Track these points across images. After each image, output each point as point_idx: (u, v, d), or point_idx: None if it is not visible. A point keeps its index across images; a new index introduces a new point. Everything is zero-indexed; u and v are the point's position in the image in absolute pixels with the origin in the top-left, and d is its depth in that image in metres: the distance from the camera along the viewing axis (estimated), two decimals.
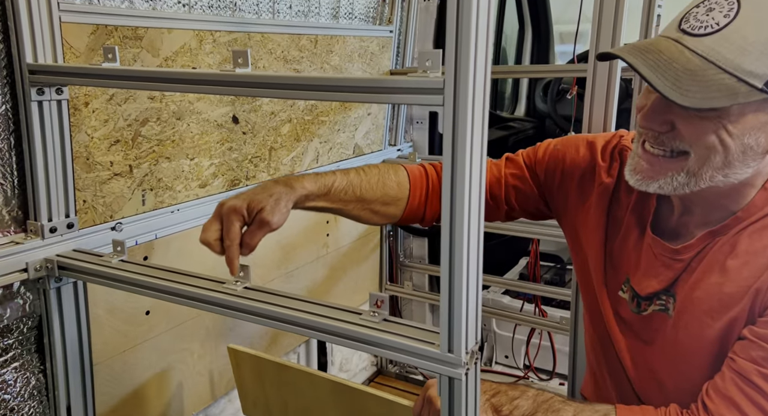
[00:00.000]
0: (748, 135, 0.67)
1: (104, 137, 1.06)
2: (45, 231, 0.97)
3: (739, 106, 0.65)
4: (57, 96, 0.94)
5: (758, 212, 0.73)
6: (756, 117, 0.66)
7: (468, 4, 0.58)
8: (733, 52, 0.64)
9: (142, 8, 1.09)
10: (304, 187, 0.86)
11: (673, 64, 0.66)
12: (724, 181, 0.71)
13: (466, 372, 0.66)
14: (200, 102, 1.23)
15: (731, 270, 0.73)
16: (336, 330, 0.74)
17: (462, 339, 0.65)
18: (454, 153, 0.62)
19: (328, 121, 1.66)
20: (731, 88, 0.64)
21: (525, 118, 2.78)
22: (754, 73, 0.63)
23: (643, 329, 0.84)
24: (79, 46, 0.99)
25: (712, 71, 0.64)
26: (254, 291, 0.83)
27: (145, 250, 1.17)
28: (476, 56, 0.60)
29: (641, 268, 0.83)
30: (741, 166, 0.70)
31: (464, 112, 0.61)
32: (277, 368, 0.99)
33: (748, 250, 0.72)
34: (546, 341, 1.99)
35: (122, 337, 1.14)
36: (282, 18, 1.44)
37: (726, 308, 0.73)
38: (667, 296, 0.80)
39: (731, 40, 0.64)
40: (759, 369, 0.69)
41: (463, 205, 0.63)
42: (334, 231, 1.75)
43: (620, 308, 0.86)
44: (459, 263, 0.64)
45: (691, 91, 0.64)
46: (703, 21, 0.66)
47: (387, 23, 1.87)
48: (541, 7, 2.73)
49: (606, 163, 0.89)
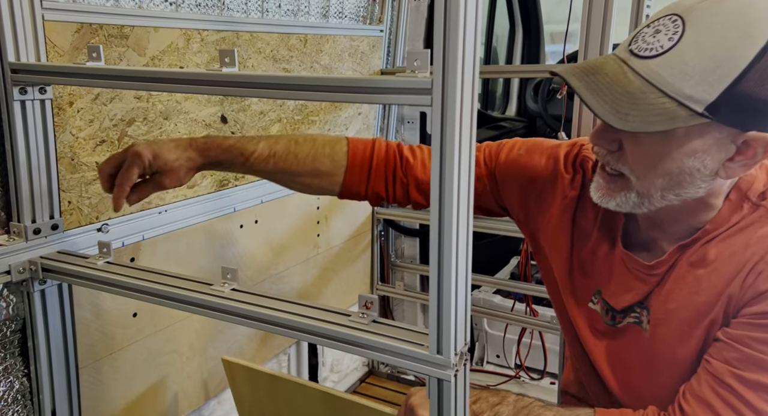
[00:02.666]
0: (693, 158, 0.67)
1: (89, 137, 1.05)
2: (28, 233, 0.96)
3: (684, 130, 0.65)
4: (40, 95, 0.93)
5: (726, 223, 0.73)
6: (701, 140, 0.66)
7: (456, 4, 0.58)
8: (674, 76, 0.63)
9: (128, 6, 1.08)
10: (217, 156, 0.88)
11: (614, 87, 0.66)
12: (678, 200, 0.71)
13: (455, 373, 0.65)
14: (188, 101, 1.22)
15: (702, 280, 0.73)
16: (325, 333, 0.73)
17: (451, 341, 0.65)
18: (442, 153, 0.62)
19: (319, 120, 1.65)
20: (671, 112, 0.63)
21: (516, 118, 2.78)
22: (694, 97, 0.63)
23: (618, 341, 0.83)
24: (63, 44, 0.97)
25: (653, 95, 0.64)
26: (242, 294, 0.82)
27: (132, 252, 1.15)
28: (464, 56, 0.60)
29: (614, 282, 0.82)
30: (689, 187, 0.70)
31: (452, 112, 0.61)
32: (270, 379, 0.99)
33: (717, 259, 0.72)
34: (537, 340, 2.00)
35: (109, 340, 1.12)
36: (271, 17, 1.43)
37: (702, 316, 0.73)
38: (641, 308, 0.80)
39: (673, 64, 0.64)
40: (732, 370, 0.69)
41: (451, 205, 0.63)
42: (324, 231, 1.75)
43: (593, 320, 0.86)
44: (448, 264, 0.64)
45: (630, 115, 0.64)
46: (649, 43, 0.66)
47: (377, 23, 1.86)
48: (532, 7, 2.74)
49: (569, 174, 0.88)
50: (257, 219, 1.46)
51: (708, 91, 0.63)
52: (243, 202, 1.41)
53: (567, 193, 0.87)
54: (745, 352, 0.69)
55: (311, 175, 0.92)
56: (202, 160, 0.88)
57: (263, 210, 1.48)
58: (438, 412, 0.67)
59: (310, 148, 0.91)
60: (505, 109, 2.91)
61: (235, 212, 1.39)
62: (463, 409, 0.68)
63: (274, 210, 1.52)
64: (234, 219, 1.39)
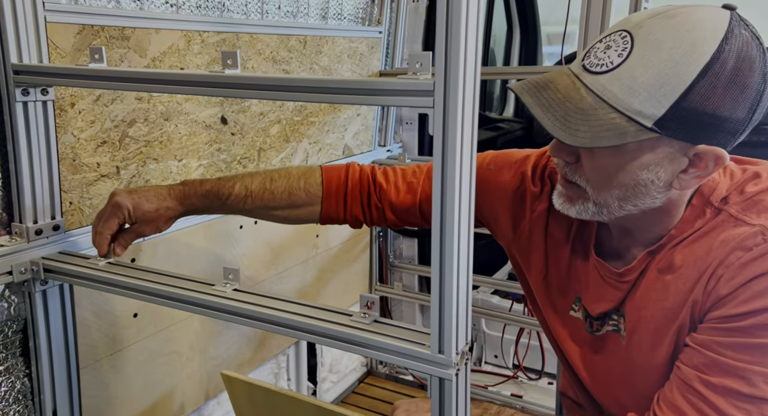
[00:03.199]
0: (646, 170, 0.68)
1: (91, 138, 1.05)
2: (30, 234, 0.96)
3: (636, 144, 0.66)
4: (42, 97, 0.93)
5: (689, 228, 0.74)
6: (653, 154, 0.67)
7: (458, 6, 0.58)
8: (623, 92, 0.65)
9: (129, 8, 1.08)
10: (194, 204, 0.92)
11: (566, 103, 0.67)
12: (636, 210, 0.72)
13: (456, 372, 0.66)
14: (188, 103, 1.23)
15: (669, 285, 0.74)
16: (326, 332, 0.74)
17: (452, 340, 0.65)
18: (444, 155, 0.62)
19: (318, 121, 1.66)
20: (620, 127, 0.65)
21: (513, 119, 2.79)
22: (643, 113, 0.64)
23: (598, 349, 0.84)
24: (65, 46, 0.98)
25: (603, 110, 0.65)
26: (243, 294, 0.83)
27: (132, 252, 1.16)
28: (466, 58, 0.60)
29: (590, 289, 0.83)
30: (645, 198, 0.71)
31: (454, 113, 0.61)
32: (266, 393, 1.01)
33: (682, 264, 0.73)
34: (535, 341, 2.01)
35: (109, 340, 1.13)
36: (271, 18, 1.43)
37: (671, 322, 0.74)
38: (617, 315, 0.81)
39: (622, 80, 0.65)
40: (699, 376, 0.69)
41: (453, 206, 0.63)
42: (323, 232, 1.75)
43: (575, 329, 0.86)
44: (449, 265, 0.64)
45: (580, 131, 0.65)
46: (600, 58, 0.67)
47: (376, 24, 1.87)
48: (529, 9, 2.75)
49: (537, 188, 0.89)
50: (257, 220, 1.47)
51: (656, 107, 0.64)
52: None
53: (535, 208, 0.88)
54: (711, 357, 0.69)
55: (289, 208, 0.95)
56: (180, 208, 0.92)
57: None
58: (439, 411, 0.68)
59: (285, 183, 0.94)
60: (502, 110, 2.92)
61: None
62: (464, 408, 0.68)
63: None
64: (234, 220, 1.39)
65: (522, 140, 2.70)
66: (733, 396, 0.67)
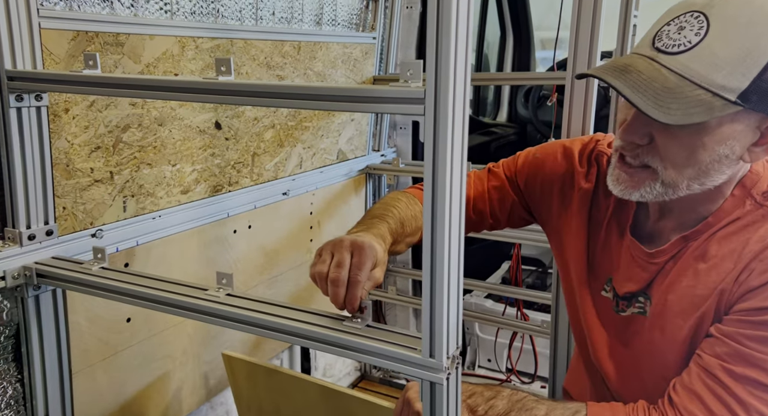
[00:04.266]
0: (723, 145, 0.70)
1: (84, 143, 1.06)
2: (23, 239, 0.96)
3: (717, 119, 0.68)
4: (36, 102, 0.94)
5: (726, 217, 0.76)
6: (731, 127, 0.69)
7: (447, 16, 0.59)
8: (706, 69, 0.67)
9: (124, 14, 1.09)
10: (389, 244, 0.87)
11: (652, 83, 0.68)
12: (701, 188, 0.74)
13: (447, 376, 0.66)
14: (182, 108, 1.23)
15: (701, 274, 0.76)
16: (319, 337, 0.75)
17: (443, 345, 0.66)
18: (434, 161, 0.63)
19: (312, 126, 1.67)
20: (708, 103, 0.66)
21: (507, 124, 2.81)
22: (727, 87, 0.66)
23: (623, 331, 0.86)
24: (59, 52, 0.98)
25: (688, 88, 0.67)
26: (237, 298, 0.83)
27: (126, 257, 1.16)
28: (456, 67, 0.61)
29: (621, 269, 0.86)
30: (716, 174, 0.73)
31: (445, 121, 0.62)
32: (268, 373, 1.01)
33: (717, 254, 0.75)
34: (528, 344, 2.02)
35: (103, 345, 1.13)
36: (265, 24, 1.44)
37: (696, 309, 0.76)
38: (644, 298, 0.83)
39: (703, 57, 0.67)
40: (722, 364, 0.72)
41: (444, 212, 0.64)
42: (317, 236, 1.76)
43: (604, 308, 0.89)
44: (440, 270, 0.65)
45: (672, 109, 0.67)
46: (675, 39, 0.69)
47: (370, 30, 1.88)
48: (522, 15, 2.77)
49: (584, 168, 0.92)
50: (251, 225, 1.47)
51: (739, 80, 0.66)
52: (236, 207, 1.42)
53: (582, 186, 0.91)
54: (735, 348, 0.71)
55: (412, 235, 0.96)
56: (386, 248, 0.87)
57: (257, 215, 1.49)
58: (431, 415, 0.68)
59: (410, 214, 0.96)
60: (496, 114, 2.94)
61: (229, 217, 1.40)
62: (455, 411, 0.69)
63: (268, 216, 1.53)
64: (228, 224, 1.40)
65: (515, 144, 2.72)
66: (752, 385, 0.69)
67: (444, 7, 0.59)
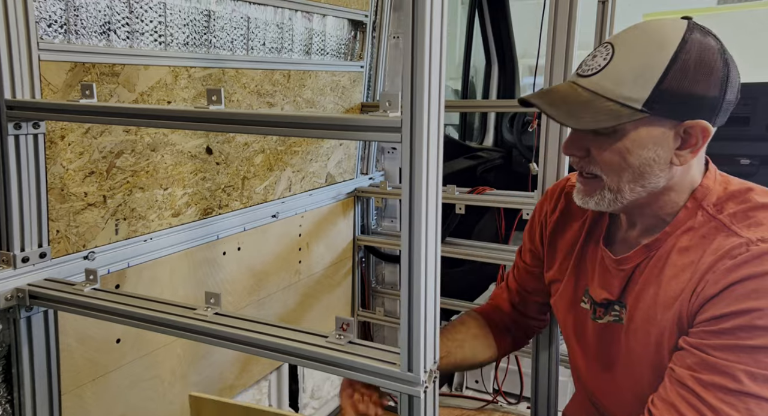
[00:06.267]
0: (646, 149, 0.80)
1: (79, 169, 1.09)
2: (17, 261, 0.99)
3: (632, 124, 0.79)
4: (34, 130, 0.98)
5: (682, 226, 0.84)
6: (648, 132, 0.79)
7: (421, 53, 0.65)
8: (613, 84, 0.79)
9: (120, 46, 1.14)
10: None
11: (567, 99, 0.82)
12: (645, 191, 0.83)
13: (424, 390, 0.70)
14: (175, 134, 1.28)
15: (664, 283, 0.83)
16: (303, 354, 0.78)
17: (420, 360, 0.70)
18: (411, 185, 0.68)
19: (301, 150, 1.72)
20: (616, 111, 0.78)
21: (493, 148, 2.88)
22: (632, 98, 0.78)
23: (601, 341, 0.92)
24: (57, 82, 1.03)
25: (599, 101, 0.80)
26: (224, 317, 0.87)
27: (117, 279, 1.19)
28: (430, 99, 0.67)
29: (595, 278, 0.93)
30: (651, 177, 0.82)
31: (419, 148, 0.67)
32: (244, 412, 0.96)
33: (677, 264, 0.82)
34: (513, 365, 2.04)
35: (92, 365, 1.15)
36: (256, 54, 1.50)
37: (660, 317, 0.82)
38: (620, 306, 0.90)
39: (610, 76, 0.80)
40: (692, 375, 0.77)
41: (420, 234, 0.68)
42: (306, 258, 1.79)
43: (583, 319, 0.96)
44: (417, 288, 0.69)
45: (583, 117, 0.80)
46: (590, 65, 0.83)
47: (358, 59, 1.95)
48: (507, 44, 2.87)
49: (552, 203, 1.05)
50: (240, 246, 1.50)
51: (641, 91, 0.78)
52: (226, 230, 1.45)
53: (549, 220, 1.04)
54: (701, 357, 0.76)
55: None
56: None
57: (246, 237, 1.52)
58: None
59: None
60: (482, 139, 3.01)
61: (219, 239, 1.43)
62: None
63: (257, 238, 1.56)
64: (217, 246, 1.43)
65: (501, 168, 2.78)
66: (721, 392, 0.74)
67: (418, 45, 0.65)
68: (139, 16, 1.17)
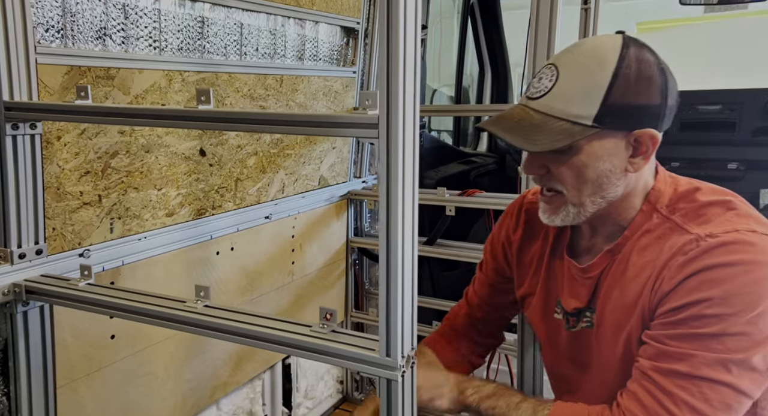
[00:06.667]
0: (602, 161, 0.83)
1: (75, 169, 1.13)
2: (14, 257, 1.03)
3: (585, 140, 0.82)
4: (31, 130, 1.01)
5: (639, 229, 0.88)
6: (601, 145, 0.83)
7: (396, 55, 0.69)
8: (562, 104, 0.82)
9: (115, 51, 1.18)
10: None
11: (521, 123, 0.85)
12: (605, 201, 0.87)
13: (402, 374, 0.73)
14: (168, 136, 1.31)
15: (627, 284, 0.86)
16: (288, 342, 0.81)
17: (398, 345, 0.73)
18: (389, 179, 0.72)
19: (294, 153, 1.76)
20: (569, 130, 0.82)
21: (486, 154, 2.92)
22: (582, 115, 0.81)
23: (576, 348, 0.95)
24: (54, 85, 1.07)
25: (551, 121, 0.83)
26: (213, 309, 0.90)
27: (111, 276, 1.22)
28: (405, 98, 0.71)
29: (564, 288, 0.96)
30: (610, 187, 0.86)
31: (395, 144, 0.71)
32: None
33: (637, 264, 0.86)
34: (504, 366, 2.06)
35: (87, 361, 1.18)
36: (249, 59, 1.54)
37: (628, 318, 0.86)
38: (590, 312, 0.93)
39: (558, 96, 0.83)
40: (653, 364, 0.81)
41: (397, 223, 0.72)
42: (299, 259, 1.82)
43: (557, 329, 0.98)
44: (395, 276, 0.73)
45: (538, 140, 0.82)
46: (537, 87, 0.86)
47: (350, 65, 1.99)
48: (499, 51, 2.92)
49: (513, 221, 1.08)
50: (233, 247, 1.54)
51: (589, 108, 0.81)
52: (220, 230, 1.49)
53: (513, 239, 1.06)
54: (659, 348, 0.81)
55: None
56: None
57: (239, 237, 1.55)
58: (387, 411, 0.74)
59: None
60: (476, 145, 3.05)
61: (212, 239, 1.47)
62: (410, 407, 0.75)
63: (250, 238, 1.60)
64: (211, 246, 1.46)
65: (494, 173, 2.82)
66: (677, 377, 0.79)
67: (393, 45, 0.69)
68: (134, 22, 1.21)
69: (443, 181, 2.07)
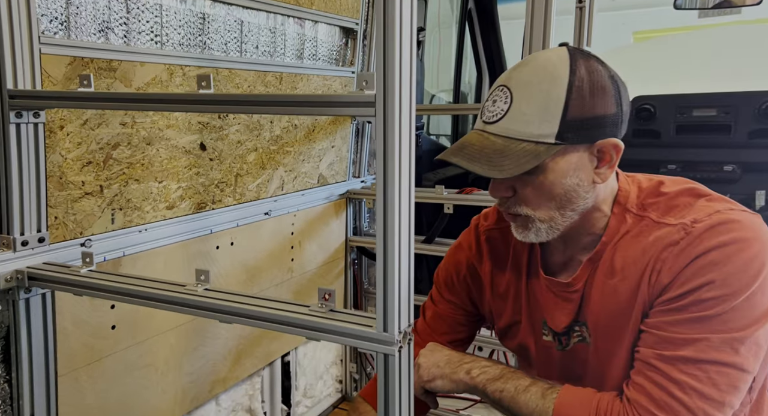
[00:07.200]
0: (568, 177, 0.82)
1: (77, 158, 1.15)
2: (17, 245, 1.04)
3: (551, 159, 0.81)
4: (34, 119, 1.03)
5: (616, 233, 0.87)
6: (566, 161, 0.82)
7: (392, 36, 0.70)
8: (521, 126, 0.81)
9: (117, 43, 1.20)
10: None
11: (484, 150, 0.82)
12: (577, 214, 0.86)
13: (399, 349, 0.74)
14: (170, 129, 1.33)
15: (617, 287, 0.85)
16: (287, 320, 0.82)
17: (395, 320, 0.74)
18: (385, 158, 0.73)
19: (293, 151, 1.77)
20: (533, 150, 0.80)
21: None
22: (543, 134, 0.80)
23: (572, 366, 0.93)
24: (57, 75, 1.09)
25: (514, 144, 0.81)
26: (213, 292, 0.91)
27: (112, 267, 1.23)
28: (401, 77, 0.72)
29: (548, 308, 0.94)
30: (579, 200, 0.85)
31: (392, 122, 0.72)
32: None
33: (622, 265, 0.85)
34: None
35: (88, 350, 1.18)
36: (249, 56, 1.57)
37: (627, 320, 0.85)
38: (579, 326, 0.91)
39: (516, 118, 0.81)
40: (655, 352, 0.80)
41: (394, 202, 0.73)
42: (298, 256, 1.83)
43: (549, 350, 0.96)
44: (392, 250, 0.74)
45: (504, 165, 0.80)
46: (492, 111, 0.84)
47: (349, 65, 2.02)
48: (497, 57, 2.96)
49: (475, 253, 1.03)
50: (233, 241, 1.55)
51: (550, 126, 0.80)
52: (220, 225, 1.50)
53: (482, 273, 1.03)
54: (660, 335, 0.80)
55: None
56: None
57: (239, 232, 1.57)
58: (384, 386, 0.75)
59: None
60: None
61: (212, 233, 1.48)
62: (407, 382, 0.76)
63: (250, 234, 1.61)
64: (211, 240, 1.48)
65: None
66: (682, 363, 0.78)
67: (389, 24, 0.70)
68: (136, 17, 1.23)
69: (442, 183, 2.09)
